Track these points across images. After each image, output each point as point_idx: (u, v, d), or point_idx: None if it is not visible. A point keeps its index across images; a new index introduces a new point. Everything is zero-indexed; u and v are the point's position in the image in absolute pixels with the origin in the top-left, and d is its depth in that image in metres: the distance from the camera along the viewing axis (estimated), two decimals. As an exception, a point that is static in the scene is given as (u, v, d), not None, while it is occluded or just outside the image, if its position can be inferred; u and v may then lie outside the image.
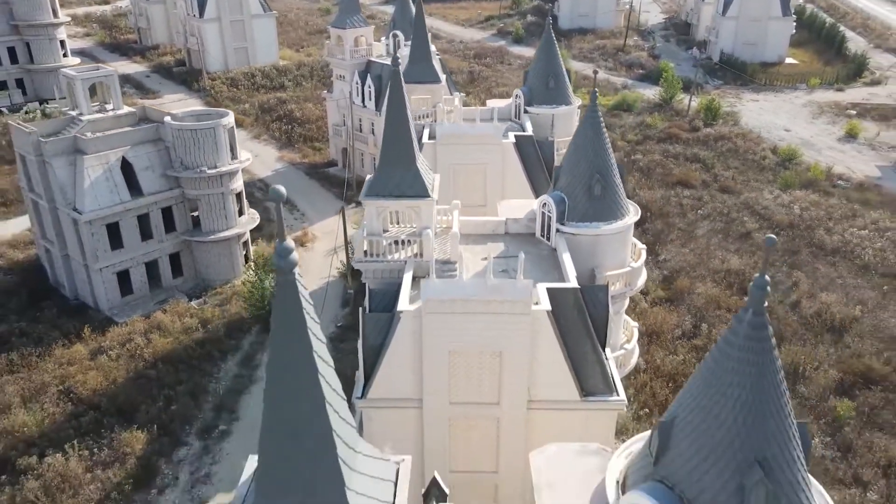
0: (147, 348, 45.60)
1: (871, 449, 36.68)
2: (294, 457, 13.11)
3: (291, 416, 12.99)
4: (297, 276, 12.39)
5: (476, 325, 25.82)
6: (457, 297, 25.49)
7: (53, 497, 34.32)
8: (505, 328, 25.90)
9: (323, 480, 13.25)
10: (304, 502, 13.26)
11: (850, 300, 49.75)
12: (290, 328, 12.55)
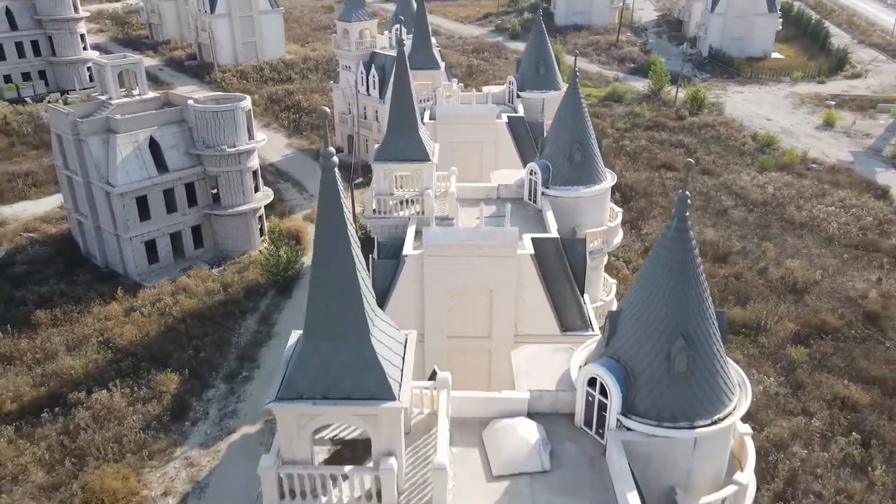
0: (175, 307, 50.56)
1: (818, 387, 41.60)
2: (333, 310, 17.22)
3: (331, 278, 17.12)
4: (336, 172, 16.67)
5: (470, 266, 29.03)
6: (453, 241, 28.87)
7: (101, 424, 39.28)
8: (494, 269, 29.15)
9: (354, 329, 17.33)
10: (339, 345, 17.32)
11: (813, 266, 54.68)
12: (332, 210, 16.75)
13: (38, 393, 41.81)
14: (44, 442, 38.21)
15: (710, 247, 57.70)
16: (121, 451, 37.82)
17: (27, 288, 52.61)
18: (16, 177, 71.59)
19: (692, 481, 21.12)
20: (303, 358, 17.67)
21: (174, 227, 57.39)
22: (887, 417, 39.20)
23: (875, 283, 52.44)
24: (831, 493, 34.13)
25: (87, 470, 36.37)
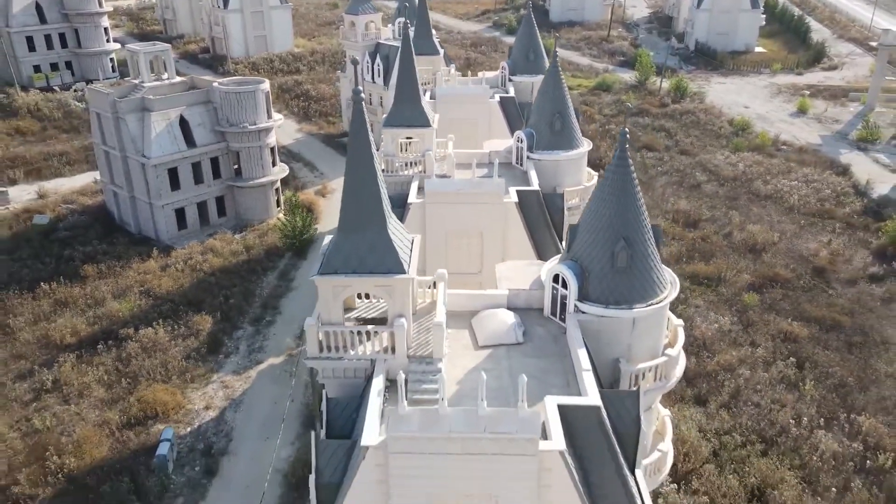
0: (204, 264, 57.12)
1: (766, 325, 48.13)
2: (360, 207, 23.67)
3: (359, 183, 23.56)
4: (363, 105, 23.28)
5: (464, 212, 34.11)
6: (450, 190, 34.68)
7: (149, 354, 45.81)
8: (484, 214, 34.32)
9: (375, 221, 23.74)
10: (364, 233, 23.61)
11: (772, 230, 61.16)
12: (360, 131, 23.08)
13: (93, 330, 48.40)
14: (101, 367, 44.74)
15: (683, 215, 64.22)
16: (167, 375, 44.35)
17: (73, 248, 59.18)
18: (51, 156, 78.16)
19: (632, 354, 26.99)
20: (337, 243, 23.78)
21: (201, 197, 63.92)
22: (822, 347, 45.75)
23: (826, 244, 58.91)
24: (767, 402, 40.62)
25: (140, 388, 42.89)
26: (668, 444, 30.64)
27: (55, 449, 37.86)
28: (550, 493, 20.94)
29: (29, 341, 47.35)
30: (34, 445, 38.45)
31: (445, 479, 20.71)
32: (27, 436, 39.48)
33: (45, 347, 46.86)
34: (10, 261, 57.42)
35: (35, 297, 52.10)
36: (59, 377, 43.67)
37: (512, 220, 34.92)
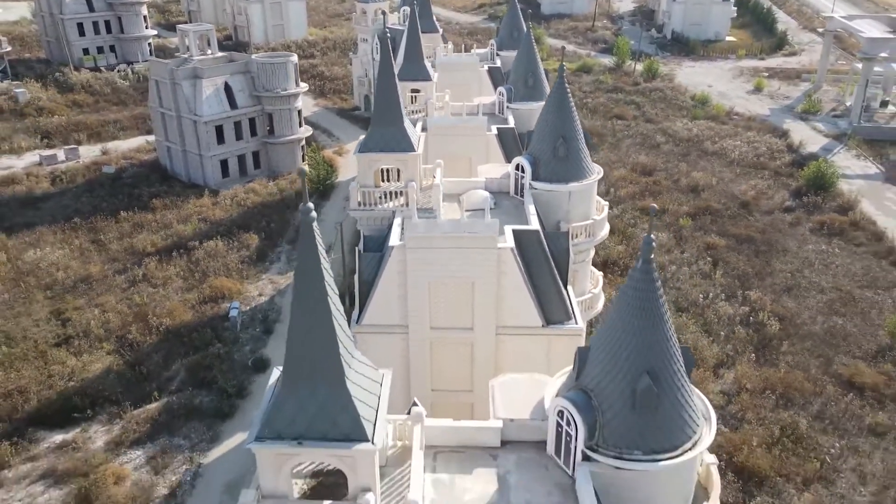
0: (247, 200, 70.41)
1: (694, 239, 61.34)
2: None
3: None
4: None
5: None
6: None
7: (212, 258, 59.00)
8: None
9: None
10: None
11: (713, 177, 74.31)
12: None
13: (167, 243, 61.70)
14: (177, 266, 57.98)
15: (641, 166, 77.43)
16: (228, 272, 57.56)
17: (139, 188, 72.48)
18: (106, 123, 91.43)
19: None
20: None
21: (240, 151, 77.15)
22: (735, 253, 58.94)
23: (753, 186, 72.11)
24: (687, 286, 53.79)
25: (209, 280, 56.10)
26: (598, 290, 40.32)
27: (152, 314, 51.12)
28: (506, 278, 30.52)
29: (118, 251, 60.67)
30: (137, 312, 51.69)
31: (441, 266, 29.68)
32: (130, 307, 52.69)
33: (131, 255, 60.12)
34: (91, 198, 70.68)
35: (117, 221, 65.40)
36: (146, 273, 56.97)
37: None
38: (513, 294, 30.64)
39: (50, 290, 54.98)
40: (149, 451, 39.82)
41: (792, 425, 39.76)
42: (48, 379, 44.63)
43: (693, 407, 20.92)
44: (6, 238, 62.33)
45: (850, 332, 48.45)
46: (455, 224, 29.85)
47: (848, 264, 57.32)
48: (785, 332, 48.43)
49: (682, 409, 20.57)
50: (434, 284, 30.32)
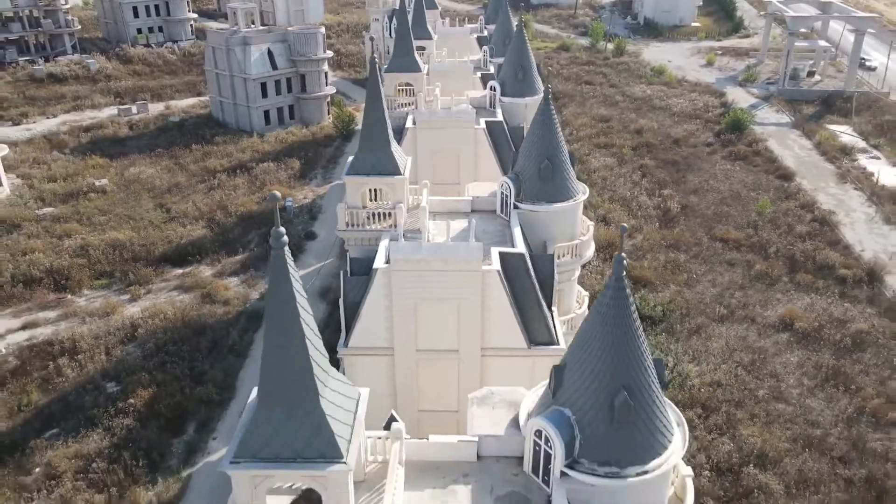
0: (287, 139, 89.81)
1: (632, 162, 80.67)
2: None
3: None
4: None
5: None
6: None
7: (267, 175, 78.24)
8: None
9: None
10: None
11: (656, 124, 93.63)
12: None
13: (231, 164, 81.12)
14: (241, 179, 77.36)
15: (599, 116, 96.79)
16: (279, 183, 76.86)
17: (201, 131, 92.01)
18: (164, 87, 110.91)
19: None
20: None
21: (279, 104, 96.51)
22: (661, 169, 78.29)
23: (685, 129, 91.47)
24: (621, 189, 73.01)
25: (266, 186, 75.40)
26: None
27: (230, 205, 70.48)
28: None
29: (195, 170, 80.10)
30: (218, 204, 71.03)
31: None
32: (212, 202, 72.00)
33: (206, 172, 79.52)
34: (165, 137, 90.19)
35: (191, 151, 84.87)
36: (219, 182, 76.31)
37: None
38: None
39: (151, 192, 74.46)
40: (241, 278, 59.15)
41: (675, 259, 59.17)
42: (166, 238, 64.06)
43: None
44: (109, 161, 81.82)
45: (731, 214, 67.82)
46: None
47: (743, 176, 76.70)
48: (684, 213, 67.88)
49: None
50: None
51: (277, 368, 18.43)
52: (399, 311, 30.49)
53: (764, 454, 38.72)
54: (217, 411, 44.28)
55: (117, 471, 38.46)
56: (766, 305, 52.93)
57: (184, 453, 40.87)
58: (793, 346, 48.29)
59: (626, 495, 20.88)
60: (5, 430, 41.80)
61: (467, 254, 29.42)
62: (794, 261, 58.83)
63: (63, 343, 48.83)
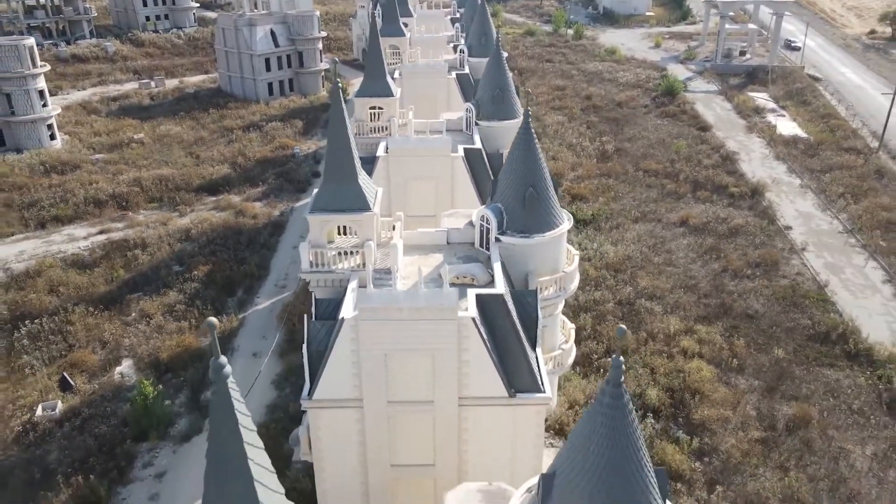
0: (289, 106, 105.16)
1: (580, 119, 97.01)
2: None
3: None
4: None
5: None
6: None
7: (277, 131, 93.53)
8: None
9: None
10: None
11: (603, 91, 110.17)
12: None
13: (244, 123, 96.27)
14: (254, 134, 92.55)
15: (556, 86, 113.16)
16: (287, 137, 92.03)
17: (215, 100, 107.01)
18: (175, 66, 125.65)
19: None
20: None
21: (280, 77, 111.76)
22: (603, 124, 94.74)
23: (627, 95, 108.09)
24: (569, 137, 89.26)
25: (276, 140, 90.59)
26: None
27: (246, 153, 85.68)
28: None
29: (214, 128, 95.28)
30: (236, 153, 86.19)
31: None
32: (232, 151, 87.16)
33: (224, 129, 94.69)
34: (183, 105, 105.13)
35: (209, 114, 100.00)
36: (236, 137, 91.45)
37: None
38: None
39: (180, 144, 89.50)
40: (263, 202, 74.39)
41: (606, 183, 75.48)
42: (200, 175, 79.17)
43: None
44: (140, 122, 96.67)
45: (655, 154, 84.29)
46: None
47: (670, 129, 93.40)
48: (617, 153, 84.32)
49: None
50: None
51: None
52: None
53: (653, 293, 55.00)
54: (257, 282, 59.73)
55: (192, 311, 53.88)
56: (671, 211, 69.35)
57: (237, 306, 56.27)
58: (686, 235, 64.74)
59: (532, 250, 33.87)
60: (105, 291, 56.95)
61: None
62: (697, 183, 75.45)
63: (135, 241, 63.95)
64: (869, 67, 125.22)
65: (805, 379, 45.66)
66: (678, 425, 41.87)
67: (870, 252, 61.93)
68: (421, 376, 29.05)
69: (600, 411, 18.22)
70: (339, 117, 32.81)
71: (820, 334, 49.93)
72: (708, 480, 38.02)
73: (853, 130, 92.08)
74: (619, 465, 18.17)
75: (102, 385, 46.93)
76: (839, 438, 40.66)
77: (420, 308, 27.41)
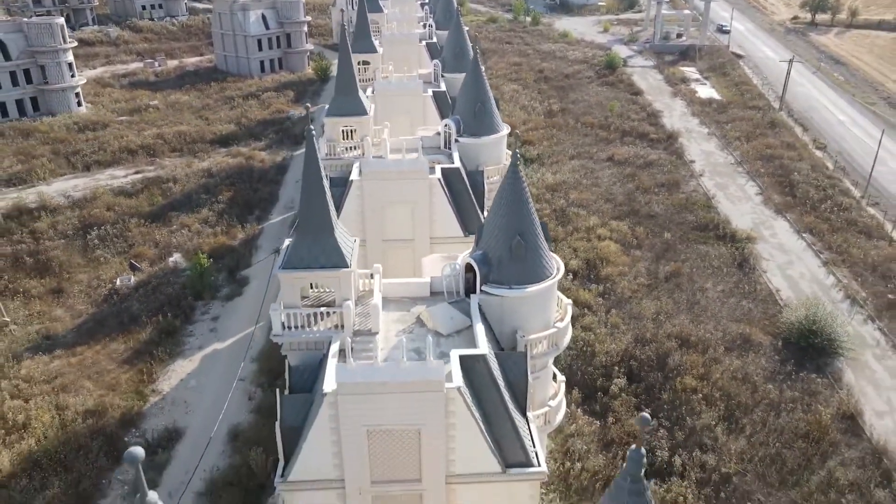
0: (280, 81, 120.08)
1: (534, 88, 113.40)
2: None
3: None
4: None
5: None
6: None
7: (271, 100, 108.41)
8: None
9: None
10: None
11: (555, 66, 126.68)
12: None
13: (243, 94, 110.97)
14: (253, 101, 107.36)
15: (513, 62, 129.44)
16: (280, 104, 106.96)
17: (214, 75, 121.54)
18: (172, 48, 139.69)
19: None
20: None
21: (271, 56, 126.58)
22: (552, 90, 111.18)
23: (575, 68, 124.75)
24: (523, 100, 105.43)
25: (272, 105, 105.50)
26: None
27: (248, 115, 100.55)
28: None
29: (218, 97, 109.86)
30: (239, 115, 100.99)
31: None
32: (236, 114, 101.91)
33: (225, 98, 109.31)
34: (186, 80, 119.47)
35: (210, 86, 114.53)
36: (237, 104, 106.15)
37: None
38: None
39: (190, 109, 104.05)
40: (267, 152, 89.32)
41: (551, 133, 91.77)
42: (211, 131, 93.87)
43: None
44: (152, 92, 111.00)
45: (594, 112, 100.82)
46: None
47: (608, 94, 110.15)
48: (562, 112, 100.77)
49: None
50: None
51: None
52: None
53: (580, 203, 71.30)
54: (270, 205, 74.97)
55: (222, 222, 69.05)
56: (601, 151, 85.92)
57: (255, 219, 71.49)
58: (611, 167, 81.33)
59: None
60: (147, 211, 71.74)
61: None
62: (625, 132, 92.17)
63: (166, 177, 78.72)
64: (786, 47, 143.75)
65: (684, 251, 62.38)
66: (590, 280, 58.20)
67: (750, 175, 79.18)
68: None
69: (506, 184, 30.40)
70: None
71: (701, 225, 66.79)
72: (607, 308, 54.32)
73: (760, 94, 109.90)
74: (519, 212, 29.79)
75: (161, 268, 61.99)
76: (700, 282, 57.36)
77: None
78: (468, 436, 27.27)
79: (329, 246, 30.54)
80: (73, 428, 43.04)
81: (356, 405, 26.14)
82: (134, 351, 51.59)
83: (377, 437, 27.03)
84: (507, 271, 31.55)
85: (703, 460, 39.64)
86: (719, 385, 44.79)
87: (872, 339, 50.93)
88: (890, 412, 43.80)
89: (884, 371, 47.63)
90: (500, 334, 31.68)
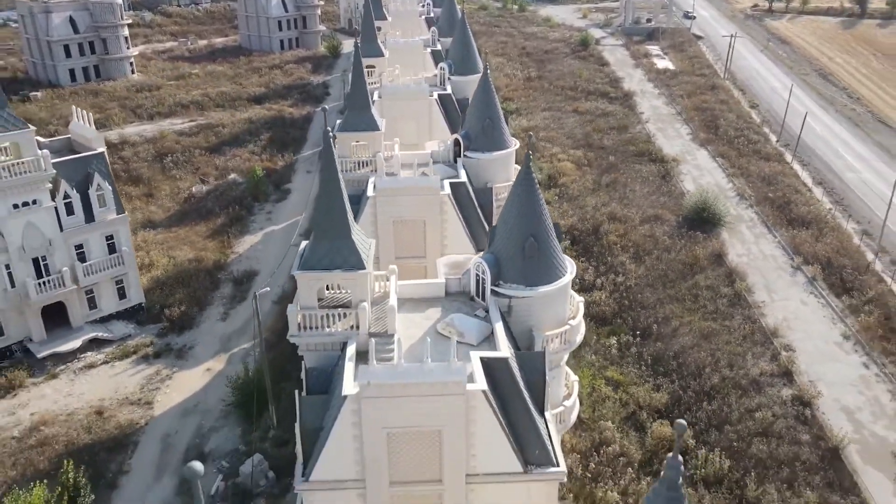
0: (298, 55, 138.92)
1: (518, 63, 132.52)
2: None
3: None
4: None
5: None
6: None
7: (294, 70, 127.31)
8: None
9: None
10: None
11: (536, 47, 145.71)
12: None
13: (268, 65, 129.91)
14: (278, 71, 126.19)
15: (501, 41, 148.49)
16: (301, 74, 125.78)
17: (242, 52, 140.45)
18: (201, 31, 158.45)
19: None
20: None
21: (289, 36, 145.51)
22: (532, 63, 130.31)
23: (554, 46, 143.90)
24: (509, 71, 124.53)
25: (293, 76, 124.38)
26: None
27: (276, 80, 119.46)
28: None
29: (247, 69, 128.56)
30: (269, 81, 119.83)
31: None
32: (263, 81, 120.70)
33: (253, 69, 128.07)
34: (217, 55, 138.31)
35: (239, 60, 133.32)
36: (265, 73, 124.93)
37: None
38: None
39: (224, 76, 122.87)
40: (295, 109, 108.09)
41: (528, 93, 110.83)
42: (247, 93, 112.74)
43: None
44: (191, 64, 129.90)
45: (566, 79, 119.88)
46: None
47: (579, 65, 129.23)
48: (539, 78, 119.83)
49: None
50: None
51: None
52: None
53: (547, 139, 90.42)
54: (301, 144, 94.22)
55: (266, 152, 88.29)
56: (568, 105, 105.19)
57: (291, 153, 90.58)
58: (575, 116, 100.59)
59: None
60: (206, 146, 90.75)
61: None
62: (589, 92, 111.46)
63: (216, 123, 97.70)
64: (742, 31, 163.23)
65: (623, 168, 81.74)
66: (549, 187, 77.38)
67: (685, 121, 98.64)
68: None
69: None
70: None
71: (639, 153, 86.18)
72: (560, 203, 73.48)
73: (708, 64, 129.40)
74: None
75: (223, 182, 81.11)
76: (631, 186, 76.68)
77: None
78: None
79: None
80: (183, 266, 62.26)
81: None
82: (213, 231, 70.81)
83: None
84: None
85: (615, 280, 58.86)
86: (633, 240, 64.11)
87: (749, 218, 70.32)
88: (746, 254, 63.21)
89: (750, 234, 67.04)
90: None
